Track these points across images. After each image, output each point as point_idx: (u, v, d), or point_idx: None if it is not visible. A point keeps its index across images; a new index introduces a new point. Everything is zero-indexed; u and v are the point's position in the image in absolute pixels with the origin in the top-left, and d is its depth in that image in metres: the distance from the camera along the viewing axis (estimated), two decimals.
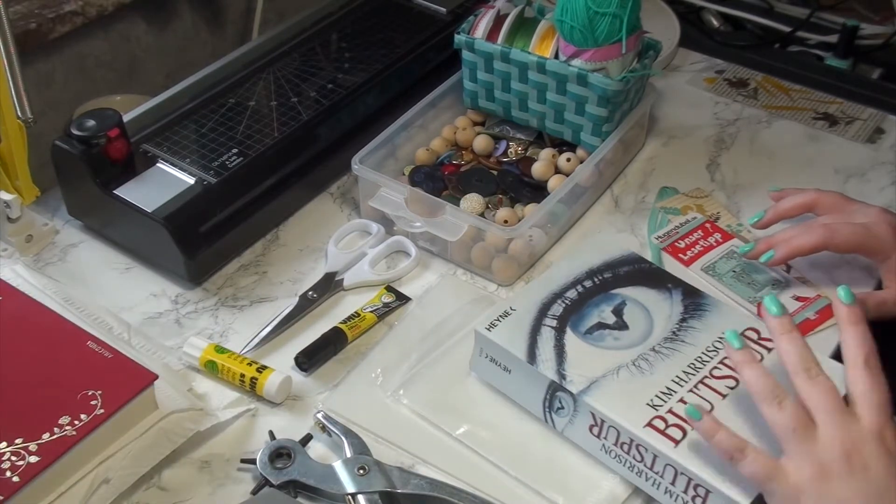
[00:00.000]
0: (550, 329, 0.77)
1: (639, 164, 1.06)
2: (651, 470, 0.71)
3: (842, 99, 1.15)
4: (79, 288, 0.89)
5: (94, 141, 0.89)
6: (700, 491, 0.68)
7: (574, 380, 0.74)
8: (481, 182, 0.98)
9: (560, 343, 0.76)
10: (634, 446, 0.71)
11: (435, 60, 1.09)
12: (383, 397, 0.80)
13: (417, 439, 0.77)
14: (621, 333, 0.77)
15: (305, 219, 0.99)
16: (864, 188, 1.02)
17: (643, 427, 0.70)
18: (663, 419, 0.71)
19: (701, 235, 0.94)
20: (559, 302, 0.80)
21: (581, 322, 0.78)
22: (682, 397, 0.72)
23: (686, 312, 0.79)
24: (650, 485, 0.72)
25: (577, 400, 0.73)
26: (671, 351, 0.76)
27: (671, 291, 0.81)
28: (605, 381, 0.73)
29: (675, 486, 0.70)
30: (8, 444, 0.69)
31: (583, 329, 0.77)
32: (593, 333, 0.77)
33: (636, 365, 0.75)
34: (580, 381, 0.73)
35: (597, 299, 0.80)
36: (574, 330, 0.77)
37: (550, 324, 0.78)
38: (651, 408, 0.71)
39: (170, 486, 0.74)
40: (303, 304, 0.88)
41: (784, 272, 0.91)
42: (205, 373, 0.82)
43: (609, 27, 0.91)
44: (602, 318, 0.78)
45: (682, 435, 0.70)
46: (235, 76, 1.05)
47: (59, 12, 1.07)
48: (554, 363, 0.75)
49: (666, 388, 0.73)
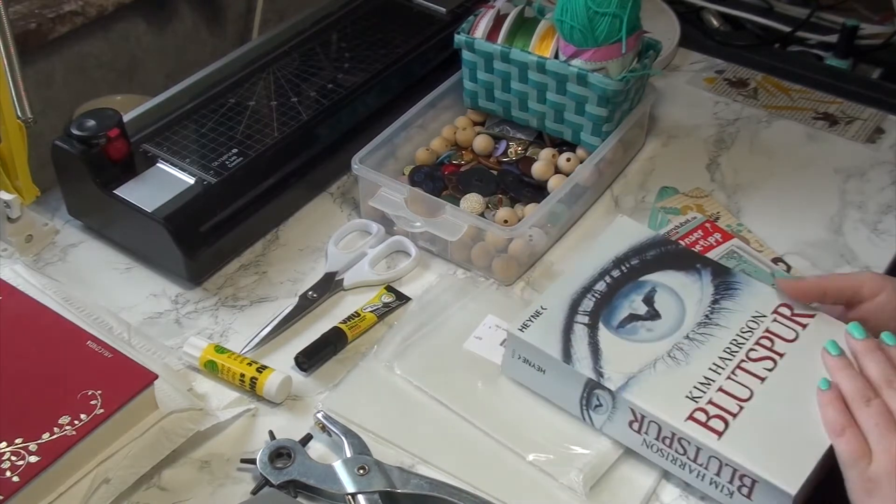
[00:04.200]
0: (583, 326, 0.77)
1: (639, 164, 1.06)
2: (695, 462, 0.71)
3: (842, 99, 1.15)
4: (79, 288, 0.89)
5: (94, 141, 0.89)
6: (746, 481, 0.69)
7: (612, 377, 0.73)
8: (481, 182, 0.98)
9: (594, 340, 0.76)
10: (677, 440, 0.71)
11: (435, 60, 1.09)
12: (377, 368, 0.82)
13: (417, 439, 0.78)
14: (654, 324, 0.77)
15: (305, 219, 0.99)
16: (864, 188, 1.02)
17: (685, 420, 0.70)
18: (704, 411, 0.71)
19: (701, 235, 0.94)
20: (589, 296, 0.79)
21: (613, 316, 0.78)
22: (720, 386, 0.72)
23: (717, 293, 0.79)
24: (695, 476, 0.72)
25: (616, 397, 0.73)
26: (706, 336, 0.76)
27: (700, 272, 0.80)
28: (643, 376, 0.73)
29: (720, 477, 0.70)
30: (8, 444, 0.69)
31: (615, 323, 0.77)
32: (626, 327, 0.77)
33: (672, 356, 0.75)
34: (618, 378, 0.73)
35: (626, 289, 0.79)
36: (607, 325, 0.77)
37: (583, 320, 0.77)
38: (691, 400, 0.71)
39: (170, 486, 0.74)
40: (303, 304, 0.88)
41: (784, 272, 0.91)
42: (205, 373, 0.82)
43: (609, 27, 0.91)
44: (633, 308, 0.78)
45: (724, 426, 0.70)
46: (235, 76, 1.05)
47: (59, 12, 1.07)
48: (590, 361, 0.74)
49: (704, 378, 0.73)
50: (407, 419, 0.79)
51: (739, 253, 0.93)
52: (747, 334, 0.76)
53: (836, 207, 1.00)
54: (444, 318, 0.87)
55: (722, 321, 0.77)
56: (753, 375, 0.73)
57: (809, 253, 0.94)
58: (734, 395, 0.72)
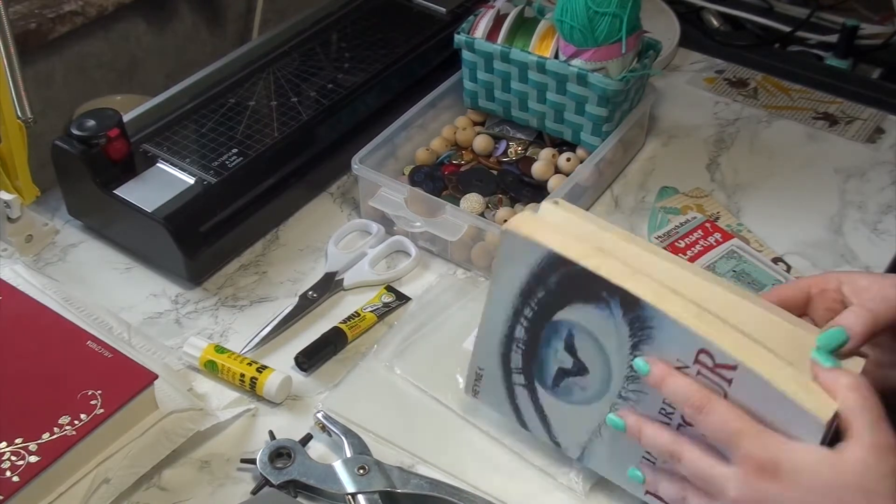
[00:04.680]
0: (522, 388, 0.74)
1: (639, 164, 1.06)
2: None
3: (842, 99, 1.15)
4: (79, 288, 0.89)
5: (94, 141, 0.89)
6: None
7: (568, 447, 0.73)
8: (481, 182, 0.98)
9: (538, 405, 0.74)
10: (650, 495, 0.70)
11: (435, 60, 1.09)
12: (377, 368, 0.82)
13: (417, 439, 0.78)
14: (584, 380, 0.71)
15: (305, 219, 0.99)
16: (864, 188, 1.02)
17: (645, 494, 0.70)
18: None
19: (701, 235, 0.95)
20: (515, 348, 0.73)
21: (544, 371, 0.72)
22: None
23: (633, 335, 0.67)
24: None
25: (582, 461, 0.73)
26: (637, 394, 0.68)
27: (609, 304, 0.67)
28: (595, 445, 0.72)
29: None
30: (8, 444, 0.69)
31: (549, 381, 0.73)
32: (560, 386, 0.72)
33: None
34: (574, 449, 0.73)
35: (545, 334, 0.71)
36: (542, 385, 0.73)
37: (519, 381, 0.74)
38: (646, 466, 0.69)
39: (170, 486, 0.74)
40: (303, 304, 0.88)
41: (784, 272, 0.91)
42: (205, 373, 0.82)
43: (609, 27, 0.91)
44: (559, 360, 0.71)
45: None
46: (235, 76, 1.05)
47: (59, 12, 1.07)
48: (543, 430, 0.74)
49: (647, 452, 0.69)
50: (407, 419, 0.79)
51: (739, 253, 0.93)
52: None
53: (836, 207, 1.00)
54: (444, 318, 0.87)
55: None
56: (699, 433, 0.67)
57: (809, 253, 0.94)
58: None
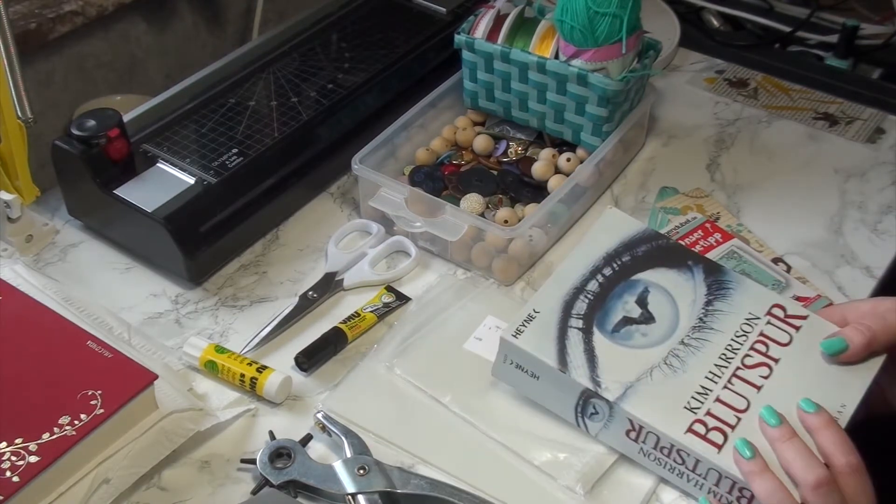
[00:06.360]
0: (577, 331, 0.75)
1: (639, 164, 1.06)
2: (693, 472, 0.70)
3: (842, 99, 1.15)
4: (79, 288, 0.89)
5: (94, 141, 0.89)
6: (746, 493, 0.68)
7: (609, 387, 0.72)
8: (481, 182, 0.98)
9: (589, 346, 0.74)
10: (675, 451, 0.70)
11: (435, 60, 1.09)
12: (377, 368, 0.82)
13: (417, 439, 0.78)
14: (648, 328, 0.75)
15: (305, 219, 0.99)
16: (864, 188, 1.02)
17: (684, 433, 0.70)
18: (703, 423, 0.70)
19: (701, 235, 0.94)
20: (582, 297, 0.77)
21: (607, 319, 0.76)
22: (718, 396, 0.71)
23: (710, 293, 0.77)
24: (692, 485, 0.71)
25: (614, 407, 0.72)
26: (701, 342, 0.74)
27: (692, 270, 0.79)
28: (640, 386, 0.72)
29: (719, 488, 0.70)
30: (8, 444, 0.69)
31: (609, 327, 0.75)
32: (621, 331, 0.75)
33: (668, 364, 0.73)
34: (615, 388, 0.72)
35: (619, 289, 0.78)
36: (601, 329, 0.75)
37: (577, 325, 0.76)
38: (689, 411, 0.71)
39: (170, 486, 0.74)
40: (303, 304, 0.88)
41: (784, 272, 0.91)
42: (205, 373, 0.82)
43: (609, 27, 0.91)
44: (627, 311, 0.76)
45: (723, 439, 0.69)
46: (235, 76, 1.05)
47: (59, 12, 1.07)
48: (586, 369, 0.73)
49: (701, 388, 0.72)
50: (407, 419, 0.79)
51: (739, 253, 0.93)
52: (742, 339, 0.75)
53: (836, 207, 1.00)
54: (444, 319, 0.87)
55: (716, 325, 0.76)
56: (750, 384, 0.72)
57: (809, 253, 0.94)
58: (732, 405, 0.71)
